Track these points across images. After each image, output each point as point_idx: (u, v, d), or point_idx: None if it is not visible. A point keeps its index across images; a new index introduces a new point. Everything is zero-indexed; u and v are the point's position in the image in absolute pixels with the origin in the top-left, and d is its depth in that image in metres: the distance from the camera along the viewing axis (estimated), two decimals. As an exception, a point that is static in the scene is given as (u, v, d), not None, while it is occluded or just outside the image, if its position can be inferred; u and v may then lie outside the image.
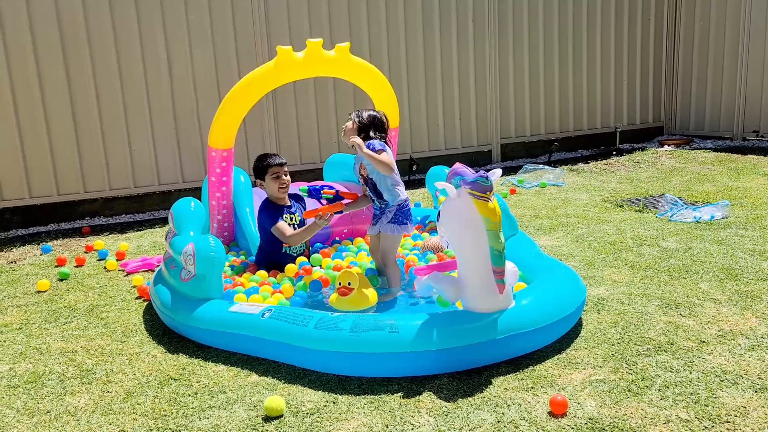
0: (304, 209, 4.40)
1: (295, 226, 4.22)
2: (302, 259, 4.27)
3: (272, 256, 4.22)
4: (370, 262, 4.19)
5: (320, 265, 4.23)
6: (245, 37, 7.21)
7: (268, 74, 4.39)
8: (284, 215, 4.19)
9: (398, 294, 3.87)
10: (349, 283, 3.48)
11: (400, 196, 3.86)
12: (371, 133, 3.84)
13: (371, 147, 3.73)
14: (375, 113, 3.93)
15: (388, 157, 3.74)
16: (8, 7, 6.23)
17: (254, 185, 4.53)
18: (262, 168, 4.21)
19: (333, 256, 4.47)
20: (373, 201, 4.00)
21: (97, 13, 6.55)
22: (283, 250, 4.24)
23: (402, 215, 3.87)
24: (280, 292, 3.79)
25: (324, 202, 4.15)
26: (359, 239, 4.81)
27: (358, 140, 3.75)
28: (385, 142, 3.84)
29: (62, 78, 6.50)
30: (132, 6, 6.67)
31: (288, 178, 4.25)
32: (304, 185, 4.34)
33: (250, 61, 7.17)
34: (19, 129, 6.40)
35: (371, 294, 3.54)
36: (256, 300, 3.64)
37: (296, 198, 4.41)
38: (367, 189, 4.00)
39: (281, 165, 4.20)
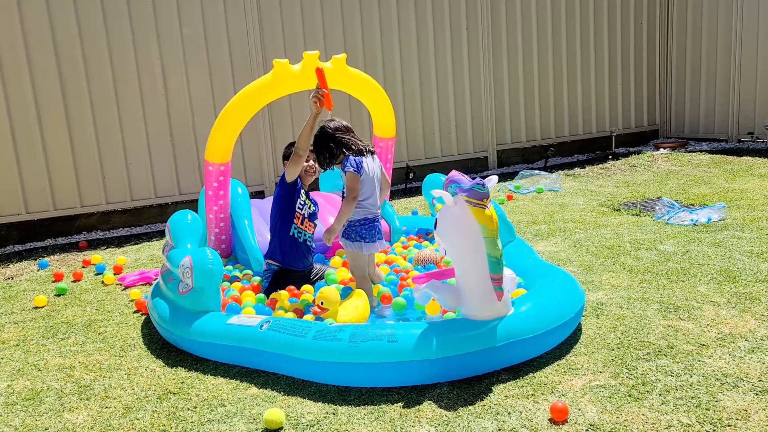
0: (318, 209, 4.35)
1: (310, 214, 4.16)
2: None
3: (289, 256, 4.07)
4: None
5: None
6: (240, 49, 7.23)
7: (264, 87, 4.40)
8: (301, 193, 4.11)
9: None
10: (322, 303, 3.47)
11: (356, 215, 3.82)
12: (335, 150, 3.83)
13: (347, 164, 3.75)
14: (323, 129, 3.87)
15: (351, 180, 3.74)
16: (1, 22, 6.23)
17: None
18: (290, 152, 4.08)
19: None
20: None
21: (92, 27, 6.57)
22: (293, 232, 4.07)
23: (353, 232, 3.83)
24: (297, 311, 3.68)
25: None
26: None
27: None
28: (345, 145, 3.80)
29: (57, 93, 6.51)
30: (126, 20, 6.69)
31: (315, 164, 4.13)
32: None
33: (245, 74, 7.18)
34: (14, 144, 6.40)
35: (353, 314, 3.50)
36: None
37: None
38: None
39: (311, 151, 4.09)
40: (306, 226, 4.15)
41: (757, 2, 8.74)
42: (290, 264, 4.10)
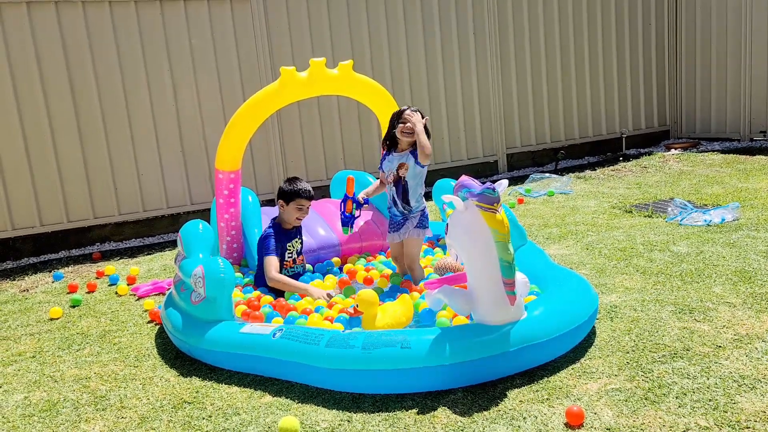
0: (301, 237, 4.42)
1: (298, 251, 4.34)
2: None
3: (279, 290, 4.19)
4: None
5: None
6: (248, 58, 7.28)
7: (272, 95, 4.43)
8: (288, 243, 4.25)
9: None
10: (357, 306, 3.46)
11: (424, 202, 4.18)
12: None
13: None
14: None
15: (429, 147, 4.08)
16: (13, 31, 6.30)
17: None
18: (290, 193, 4.17)
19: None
20: (394, 207, 4.14)
21: (102, 41, 6.63)
22: (283, 272, 4.23)
23: (425, 219, 4.21)
24: (330, 319, 3.62)
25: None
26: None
27: (420, 127, 4.10)
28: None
29: (69, 106, 6.57)
30: (136, 31, 6.75)
31: (308, 212, 4.29)
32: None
33: (254, 82, 7.22)
34: (28, 157, 6.46)
35: (388, 319, 3.47)
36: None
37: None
38: (392, 190, 4.11)
39: (309, 199, 4.21)
40: (294, 263, 4.29)
41: (766, 0, 8.69)
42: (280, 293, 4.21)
